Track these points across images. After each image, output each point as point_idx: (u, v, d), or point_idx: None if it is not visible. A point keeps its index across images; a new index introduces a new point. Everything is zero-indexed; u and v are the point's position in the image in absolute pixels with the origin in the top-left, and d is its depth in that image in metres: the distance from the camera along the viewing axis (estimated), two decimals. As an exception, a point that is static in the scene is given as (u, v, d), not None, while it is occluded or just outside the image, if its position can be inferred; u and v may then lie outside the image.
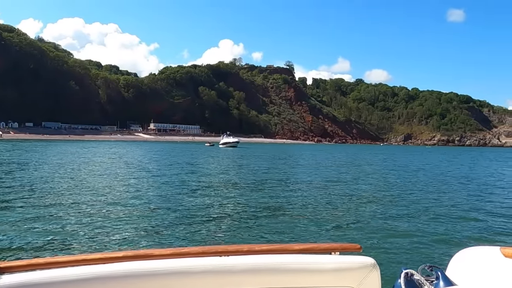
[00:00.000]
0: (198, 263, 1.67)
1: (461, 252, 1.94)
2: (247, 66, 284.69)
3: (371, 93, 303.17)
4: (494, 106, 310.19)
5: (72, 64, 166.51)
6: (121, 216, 11.30)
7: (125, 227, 9.91)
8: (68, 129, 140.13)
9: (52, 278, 1.51)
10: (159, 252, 1.73)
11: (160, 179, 21.57)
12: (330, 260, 1.78)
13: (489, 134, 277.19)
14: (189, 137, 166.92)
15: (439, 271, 1.82)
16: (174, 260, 1.68)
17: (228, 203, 14.42)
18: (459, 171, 34.54)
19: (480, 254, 1.85)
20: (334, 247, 1.89)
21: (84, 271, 1.56)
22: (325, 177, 25.26)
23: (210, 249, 1.81)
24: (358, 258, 1.78)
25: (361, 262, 1.75)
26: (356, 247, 1.93)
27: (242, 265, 1.68)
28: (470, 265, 1.85)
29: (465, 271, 1.84)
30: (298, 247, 1.89)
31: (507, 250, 1.75)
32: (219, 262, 1.69)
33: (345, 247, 1.92)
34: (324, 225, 10.83)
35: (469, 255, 1.89)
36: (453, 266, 1.92)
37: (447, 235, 9.95)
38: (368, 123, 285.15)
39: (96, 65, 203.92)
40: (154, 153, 51.57)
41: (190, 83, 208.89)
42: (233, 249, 1.81)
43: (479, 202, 15.94)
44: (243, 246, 1.84)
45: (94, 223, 10.22)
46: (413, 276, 1.68)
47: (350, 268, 1.74)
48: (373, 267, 1.75)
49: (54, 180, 19.17)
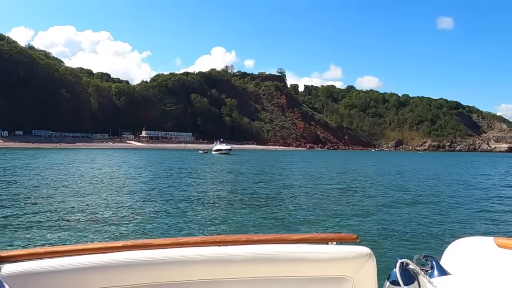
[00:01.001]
0: (197, 253, 1.67)
1: (456, 242, 1.96)
2: (239, 73, 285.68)
3: (362, 100, 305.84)
4: (483, 112, 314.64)
5: (63, 72, 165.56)
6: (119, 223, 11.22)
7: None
8: (58, 137, 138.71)
9: (52, 267, 1.51)
10: (157, 242, 1.73)
11: (156, 185, 21.44)
12: (327, 250, 1.79)
13: (479, 140, 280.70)
14: (181, 144, 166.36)
15: (434, 261, 1.84)
16: (173, 249, 1.68)
17: (229, 202, 14.43)
18: (453, 172, 34.96)
19: (474, 244, 1.87)
20: (331, 237, 1.91)
21: (84, 260, 1.56)
22: (322, 177, 25.39)
23: (209, 239, 1.82)
24: (355, 248, 1.80)
25: (357, 252, 1.77)
26: (352, 237, 1.93)
27: (240, 255, 1.69)
28: (464, 255, 1.87)
29: (459, 260, 1.87)
30: (295, 237, 1.89)
31: (500, 240, 1.77)
32: (217, 252, 1.70)
33: (342, 237, 1.93)
34: (322, 216, 10.96)
35: (463, 245, 1.92)
36: (448, 255, 1.94)
37: (441, 225, 10.12)
38: (359, 129, 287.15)
39: (88, 73, 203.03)
40: (147, 161, 51.27)
41: (182, 91, 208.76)
42: (231, 239, 1.81)
43: (473, 196, 16.22)
44: (241, 236, 1.84)
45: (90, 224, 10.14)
46: (408, 266, 1.70)
47: (346, 258, 1.76)
48: (369, 256, 1.76)
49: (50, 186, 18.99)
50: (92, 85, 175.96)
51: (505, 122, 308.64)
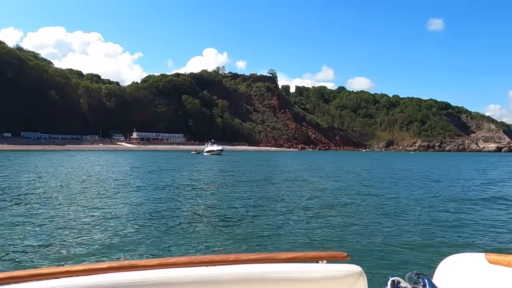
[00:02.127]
0: (184, 274, 1.64)
1: (447, 259, 1.95)
2: (230, 74, 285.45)
3: (353, 101, 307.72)
4: (471, 112, 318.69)
5: (52, 73, 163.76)
6: (105, 227, 11.21)
7: (109, 238, 9.83)
8: (48, 139, 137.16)
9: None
10: (144, 263, 1.70)
11: (150, 187, 21.42)
12: (317, 268, 1.77)
13: (468, 140, 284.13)
14: (172, 145, 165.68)
15: (426, 279, 1.83)
16: (160, 270, 1.65)
17: (216, 211, 14.45)
18: (445, 176, 35.29)
19: (465, 260, 1.86)
20: (321, 255, 1.89)
21: (68, 283, 1.51)
22: (312, 185, 25.50)
23: (196, 259, 1.79)
24: (345, 266, 1.77)
25: (348, 270, 1.74)
26: (343, 255, 1.92)
27: (228, 275, 1.66)
28: (456, 272, 1.86)
29: (451, 278, 1.85)
30: (285, 256, 1.87)
31: (491, 257, 1.76)
32: (205, 272, 1.67)
33: (332, 255, 1.91)
34: (311, 233, 10.91)
35: (454, 262, 1.90)
36: (439, 273, 1.93)
37: (433, 242, 10.08)
38: (350, 130, 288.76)
39: (77, 74, 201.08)
40: (138, 164, 51.00)
41: (173, 92, 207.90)
42: (219, 258, 1.79)
43: (464, 209, 16.28)
44: (229, 256, 1.82)
45: (76, 234, 10.10)
46: (399, 284, 1.68)
47: (337, 277, 1.73)
48: (360, 275, 1.74)
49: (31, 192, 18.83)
50: (82, 87, 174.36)
51: (493, 122, 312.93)
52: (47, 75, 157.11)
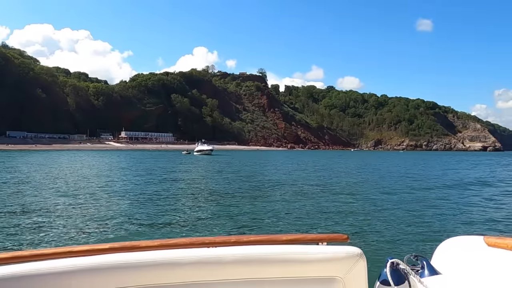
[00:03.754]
0: (186, 254, 1.65)
1: (446, 242, 1.96)
2: (220, 73, 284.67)
3: (342, 100, 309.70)
4: (458, 112, 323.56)
5: (39, 71, 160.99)
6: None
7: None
8: (34, 139, 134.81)
9: (38, 271, 1.48)
10: (146, 244, 1.71)
11: (143, 186, 21.19)
12: (317, 250, 1.78)
13: (454, 139, 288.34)
14: (162, 145, 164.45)
15: (424, 261, 1.84)
16: (161, 251, 1.66)
17: (219, 202, 14.41)
18: (437, 171, 35.76)
19: (464, 243, 1.88)
20: (322, 237, 1.90)
21: (70, 263, 1.53)
22: (308, 177, 25.60)
23: (198, 240, 1.79)
24: (345, 248, 1.78)
25: (348, 252, 1.76)
26: (343, 237, 1.93)
27: (230, 256, 1.67)
28: (455, 254, 1.87)
29: (450, 260, 1.87)
30: (286, 238, 1.88)
31: (490, 239, 1.77)
32: (206, 253, 1.68)
33: (332, 237, 1.92)
34: (313, 217, 11.00)
35: (453, 244, 1.92)
36: (438, 255, 1.94)
37: (432, 225, 10.27)
38: (339, 129, 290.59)
39: (64, 72, 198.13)
40: (130, 163, 50.49)
41: (162, 91, 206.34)
42: (220, 240, 1.81)
43: (461, 195, 16.57)
44: (230, 237, 1.83)
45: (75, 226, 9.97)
46: (398, 265, 1.71)
47: (337, 258, 1.74)
48: (360, 256, 1.76)
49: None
50: (69, 85, 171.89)
51: (479, 121, 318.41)
52: (33, 73, 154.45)
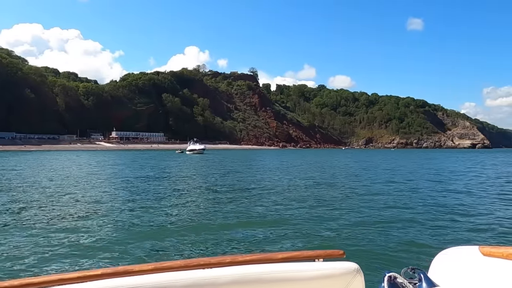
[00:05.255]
0: (181, 277, 1.62)
1: (442, 253, 1.96)
2: (211, 72, 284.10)
3: (333, 99, 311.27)
4: (447, 110, 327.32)
5: (27, 71, 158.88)
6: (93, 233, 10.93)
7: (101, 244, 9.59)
8: (23, 139, 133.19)
9: None
10: (139, 268, 1.67)
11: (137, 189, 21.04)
12: (314, 267, 1.77)
13: (444, 137, 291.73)
14: (153, 145, 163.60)
15: (422, 273, 1.84)
16: (156, 275, 1.63)
17: (209, 212, 14.31)
18: (431, 173, 36.00)
19: (459, 254, 1.88)
20: (318, 254, 1.89)
21: None
22: (299, 183, 25.60)
23: (192, 262, 1.77)
24: (342, 264, 1.77)
25: (345, 267, 1.75)
26: (339, 253, 1.92)
27: (225, 277, 1.65)
28: (451, 265, 1.87)
29: (446, 271, 1.87)
30: (281, 256, 1.86)
31: (485, 249, 1.78)
32: (202, 275, 1.66)
33: (329, 253, 1.91)
34: (306, 233, 10.94)
35: (449, 255, 1.92)
36: (435, 267, 1.94)
37: (428, 237, 10.27)
38: (331, 128, 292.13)
39: (53, 72, 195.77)
40: (126, 164, 50.07)
41: (153, 90, 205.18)
42: (215, 261, 1.78)
43: (456, 203, 16.63)
44: (225, 257, 1.81)
45: (62, 240, 9.81)
46: (396, 279, 1.70)
47: (334, 274, 1.73)
48: (357, 272, 1.75)
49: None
50: (58, 85, 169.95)
51: (468, 119, 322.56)
52: (21, 73, 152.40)
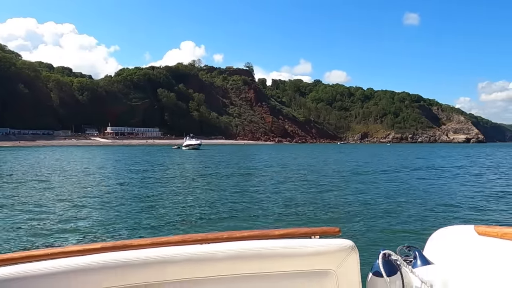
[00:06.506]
0: (178, 252, 1.64)
1: (437, 232, 1.98)
2: (207, 67, 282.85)
3: (329, 94, 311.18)
4: (442, 105, 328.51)
5: (21, 66, 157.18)
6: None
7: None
8: (17, 135, 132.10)
9: (29, 272, 1.46)
10: (138, 242, 1.69)
11: (132, 182, 20.97)
12: (310, 243, 1.78)
13: (439, 131, 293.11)
14: (148, 140, 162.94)
15: (417, 251, 1.86)
16: (154, 249, 1.65)
17: (210, 196, 14.38)
18: (426, 161, 36.25)
19: (455, 233, 1.90)
20: (314, 231, 1.90)
21: (62, 264, 1.51)
22: (298, 170, 25.71)
23: (190, 237, 1.78)
24: (338, 241, 1.79)
25: (340, 244, 1.76)
26: (335, 230, 1.93)
27: (222, 252, 1.67)
28: (446, 244, 1.89)
29: (442, 250, 1.89)
30: (278, 232, 1.88)
31: (480, 228, 1.80)
32: (199, 250, 1.67)
33: (325, 230, 1.93)
34: (304, 211, 11.08)
35: (444, 234, 1.94)
36: (430, 245, 1.96)
37: (423, 216, 10.46)
38: (326, 123, 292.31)
39: (47, 67, 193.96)
40: (124, 159, 49.86)
41: (148, 85, 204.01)
42: (213, 236, 1.80)
43: (450, 185, 16.87)
44: (223, 233, 1.82)
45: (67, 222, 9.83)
46: (391, 257, 1.72)
47: (329, 251, 1.75)
48: (352, 249, 1.76)
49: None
50: (52, 80, 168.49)
51: (462, 114, 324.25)
52: (15, 68, 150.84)
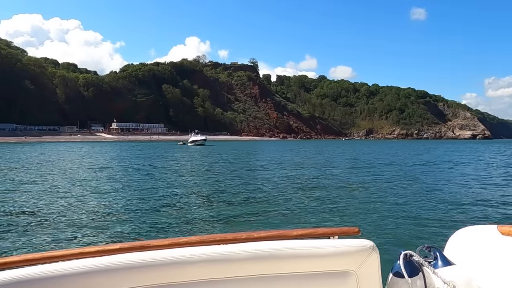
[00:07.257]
0: (197, 252, 1.64)
1: (459, 232, 1.94)
2: (211, 63, 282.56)
3: (334, 89, 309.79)
4: (448, 101, 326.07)
5: (27, 62, 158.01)
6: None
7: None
8: (23, 131, 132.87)
9: (49, 273, 1.47)
10: (156, 243, 1.69)
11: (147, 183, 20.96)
12: (329, 244, 1.76)
13: (444, 127, 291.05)
14: (153, 136, 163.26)
15: (437, 251, 1.83)
16: (172, 250, 1.65)
17: (225, 195, 14.33)
18: (443, 158, 35.97)
19: (477, 233, 1.85)
20: (333, 231, 1.88)
21: (81, 264, 1.52)
22: (314, 169, 25.60)
23: (208, 238, 1.78)
24: (357, 241, 1.77)
25: (360, 245, 1.74)
26: (354, 231, 1.91)
27: (241, 253, 1.66)
28: (468, 244, 1.84)
29: (463, 250, 1.85)
30: (296, 233, 1.86)
31: (504, 228, 1.74)
32: (217, 251, 1.66)
33: (344, 230, 1.90)
34: (323, 211, 10.98)
35: (466, 234, 1.89)
36: (451, 245, 1.92)
37: (444, 216, 10.29)
38: (331, 119, 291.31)
39: (53, 63, 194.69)
40: (134, 156, 49.94)
41: (153, 81, 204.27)
42: (231, 237, 1.79)
43: (471, 185, 16.68)
44: (241, 234, 1.81)
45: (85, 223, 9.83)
46: (412, 257, 1.69)
47: (349, 252, 1.73)
48: (372, 249, 1.74)
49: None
50: (58, 76, 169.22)
51: (468, 110, 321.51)
52: (21, 64, 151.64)
